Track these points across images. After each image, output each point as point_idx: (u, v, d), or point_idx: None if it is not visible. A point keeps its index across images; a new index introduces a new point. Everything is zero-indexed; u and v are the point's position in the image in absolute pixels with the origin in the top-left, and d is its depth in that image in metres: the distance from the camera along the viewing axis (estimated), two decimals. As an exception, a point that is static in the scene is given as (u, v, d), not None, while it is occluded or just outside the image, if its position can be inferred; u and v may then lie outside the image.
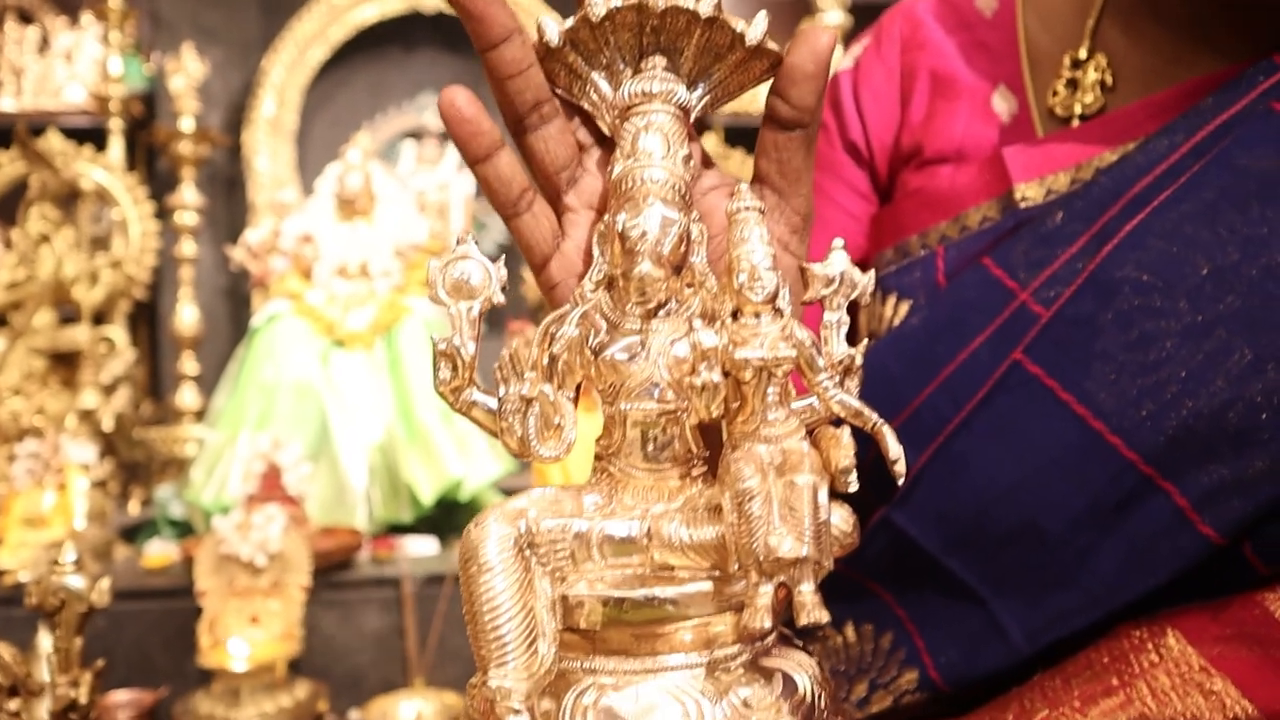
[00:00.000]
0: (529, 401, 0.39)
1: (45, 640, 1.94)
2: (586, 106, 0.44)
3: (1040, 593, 0.55)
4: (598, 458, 0.41)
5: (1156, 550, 0.52)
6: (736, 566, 0.34)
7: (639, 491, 0.39)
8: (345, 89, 4.99)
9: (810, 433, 0.37)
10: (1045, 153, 0.64)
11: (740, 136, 4.19)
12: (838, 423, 0.38)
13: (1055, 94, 0.67)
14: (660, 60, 0.41)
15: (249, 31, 4.79)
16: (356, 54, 4.87)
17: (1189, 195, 0.55)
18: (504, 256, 0.40)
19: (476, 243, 0.40)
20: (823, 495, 0.33)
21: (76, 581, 0.95)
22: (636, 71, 0.42)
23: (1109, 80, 0.66)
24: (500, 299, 0.39)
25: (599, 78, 0.43)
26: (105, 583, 0.95)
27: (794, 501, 0.33)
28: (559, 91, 0.44)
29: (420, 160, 4.91)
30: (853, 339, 0.68)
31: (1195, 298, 0.53)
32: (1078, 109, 0.66)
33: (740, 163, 4.72)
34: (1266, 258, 0.52)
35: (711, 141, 4.08)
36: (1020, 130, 0.68)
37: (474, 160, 0.45)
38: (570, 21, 0.41)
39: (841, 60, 0.78)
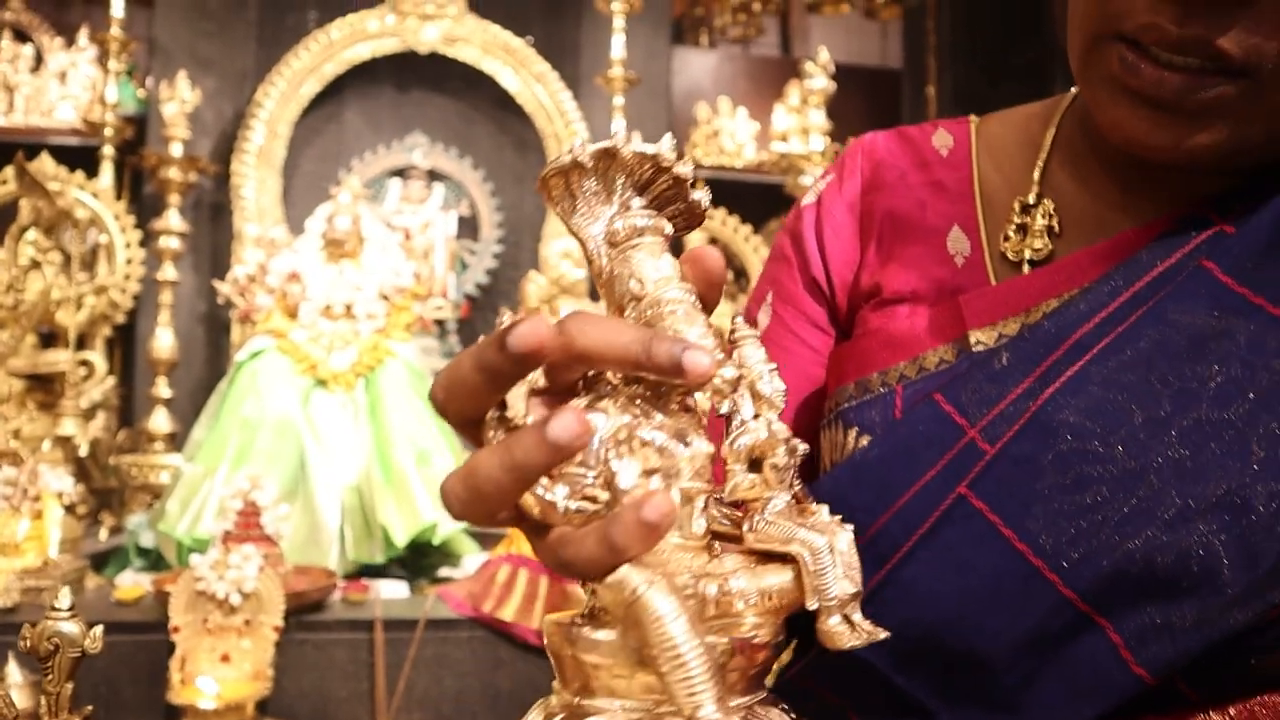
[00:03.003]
0: None
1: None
2: (582, 236, 0.50)
3: (988, 712, 0.59)
4: None
5: (1094, 682, 0.56)
6: (815, 605, 0.43)
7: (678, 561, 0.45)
8: (335, 124, 5.03)
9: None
10: (998, 299, 0.67)
11: (718, 193, 4.27)
12: None
13: (1006, 239, 0.71)
14: (639, 201, 0.48)
15: (244, 62, 4.83)
16: (349, 90, 4.91)
17: (1127, 345, 0.59)
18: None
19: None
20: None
21: (70, 628, 0.99)
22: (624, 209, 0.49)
23: (1056, 226, 0.70)
24: (542, 383, 0.44)
25: (583, 219, 0.49)
26: (99, 629, 0.99)
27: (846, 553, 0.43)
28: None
29: (405, 199, 4.96)
30: (816, 463, 0.73)
31: (1130, 445, 0.57)
32: (1027, 254, 0.70)
33: (720, 221, 4.82)
34: (1196, 412, 0.56)
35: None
36: (973, 272, 0.72)
37: None
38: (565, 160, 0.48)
39: (805, 194, 0.82)
